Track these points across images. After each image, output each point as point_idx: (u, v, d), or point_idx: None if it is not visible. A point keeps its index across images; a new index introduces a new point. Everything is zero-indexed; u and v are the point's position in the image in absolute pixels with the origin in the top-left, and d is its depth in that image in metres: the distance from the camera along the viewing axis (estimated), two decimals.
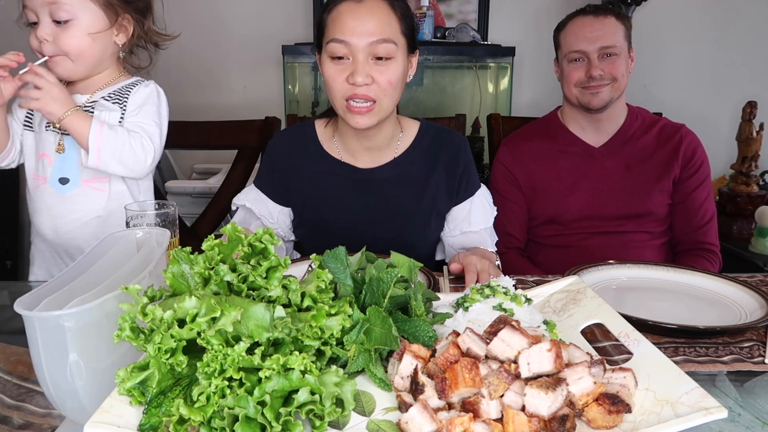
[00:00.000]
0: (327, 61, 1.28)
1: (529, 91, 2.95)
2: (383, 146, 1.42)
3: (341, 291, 0.79)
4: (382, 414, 0.65)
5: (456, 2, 2.85)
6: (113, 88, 1.38)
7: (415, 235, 1.45)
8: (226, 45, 2.89)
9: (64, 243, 1.38)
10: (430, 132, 1.46)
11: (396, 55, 1.27)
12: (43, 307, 0.62)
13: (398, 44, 1.27)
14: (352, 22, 1.24)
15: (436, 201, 1.45)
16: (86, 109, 1.34)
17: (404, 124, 1.47)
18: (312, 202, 1.44)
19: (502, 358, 0.67)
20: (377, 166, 1.43)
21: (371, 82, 1.25)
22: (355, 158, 1.43)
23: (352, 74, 1.24)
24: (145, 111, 1.38)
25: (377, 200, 1.42)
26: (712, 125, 2.80)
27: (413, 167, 1.43)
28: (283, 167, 1.45)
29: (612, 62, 1.61)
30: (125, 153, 1.30)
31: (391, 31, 1.26)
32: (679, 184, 1.68)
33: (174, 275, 0.68)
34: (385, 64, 1.26)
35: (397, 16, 1.27)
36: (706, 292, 1.13)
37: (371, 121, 1.29)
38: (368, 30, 1.23)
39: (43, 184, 1.36)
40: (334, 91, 1.28)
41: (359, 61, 1.24)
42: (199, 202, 2.39)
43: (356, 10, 1.24)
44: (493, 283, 0.88)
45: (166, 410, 0.59)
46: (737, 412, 0.74)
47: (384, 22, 1.25)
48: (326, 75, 1.29)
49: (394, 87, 1.28)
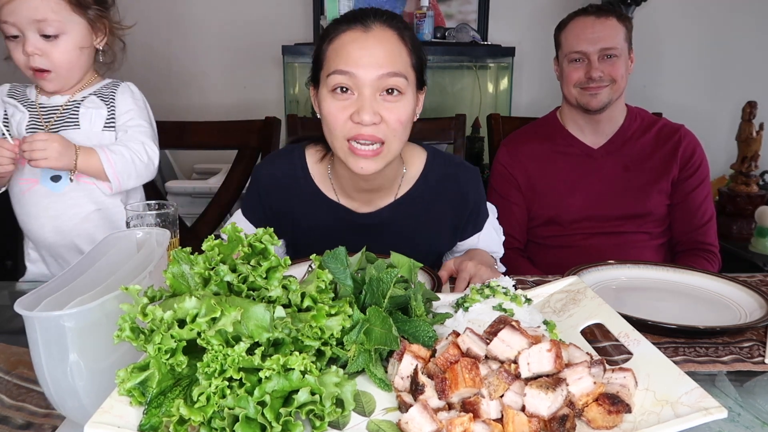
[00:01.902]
0: (327, 96, 1.13)
1: (529, 91, 2.95)
2: (384, 188, 1.28)
3: (341, 291, 0.79)
4: (382, 414, 0.65)
5: (456, 2, 2.85)
6: (92, 89, 1.40)
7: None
8: (226, 45, 2.90)
9: (68, 242, 1.37)
10: (437, 169, 1.31)
11: (406, 90, 1.13)
12: (43, 308, 0.62)
13: (408, 79, 1.13)
14: (358, 52, 1.09)
15: (439, 241, 1.36)
16: (68, 108, 1.35)
17: (409, 156, 1.31)
18: (305, 240, 1.33)
19: (502, 359, 0.67)
20: (376, 209, 1.30)
21: (379, 120, 1.10)
22: (351, 200, 1.30)
23: (357, 111, 1.09)
24: (136, 113, 1.40)
25: (374, 241, 1.19)
26: (711, 125, 2.80)
27: (416, 208, 1.30)
28: (273, 205, 1.32)
29: (612, 64, 1.61)
30: (137, 167, 1.34)
31: (401, 63, 1.12)
32: (678, 184, 1.68)
33: (174, 275, 0.68)
34: (395, 100, 1.12)
35: (408, 48, 1.14)
36: (706, 292, 1.13)
37: (377, 166, 1.14)
38: (377, 61, 1.09)
39: (35, 186, 1.35)
40: (335, 130, 1.13)
41: (366, 97, 1.09)
42: (199, 202, 2.39)
43: (363, 40, 1.10)
44: (493, 283, 0.88)
45: (167, 410, 0.60)
46: (737, 412, 0.74)
47: (394, 53, 1.11)
48: (326, 112, 1.13)
49: (404, 127, 1.14)
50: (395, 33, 1.13)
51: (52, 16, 1.26)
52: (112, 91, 1.40)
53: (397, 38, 1.13)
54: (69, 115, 1.36)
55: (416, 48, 1.16)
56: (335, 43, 1.13)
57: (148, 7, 2.79)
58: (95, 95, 1.38)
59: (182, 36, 2.89)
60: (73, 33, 1.30)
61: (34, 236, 1.39)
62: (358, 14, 1.14)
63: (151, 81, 1.49)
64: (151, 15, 2.80)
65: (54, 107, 1.36)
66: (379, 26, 1.12)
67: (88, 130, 1.36)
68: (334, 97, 1.12)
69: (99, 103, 1.37)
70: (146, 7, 2.77)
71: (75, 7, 1.30)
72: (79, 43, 1.32)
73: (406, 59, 1.14)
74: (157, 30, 2.83)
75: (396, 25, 1.14)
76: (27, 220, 1.38)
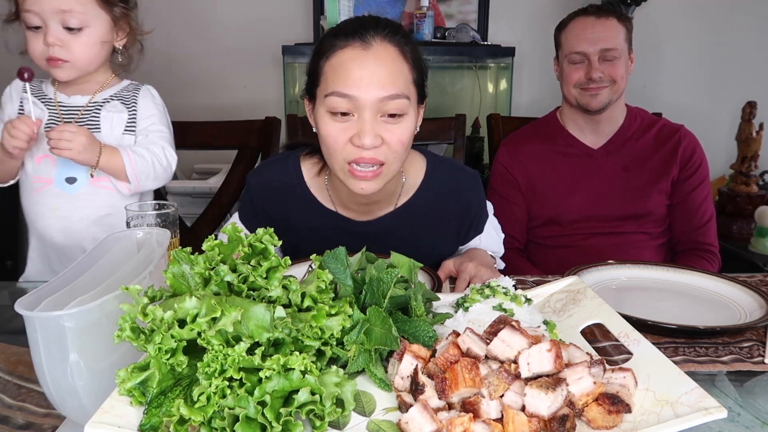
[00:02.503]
0: (325, 117, 1.09)
1: (529, 91, 2.95)
2: (383, 200, 1.26)
3: (341, 291, 0.79)
4: (382, 414, 0.65)
5: (456, 2, 2.85)
6: (113, 91, 1.39)
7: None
8: (226, 45, 2.89)
9: (73, 244, 1.37)
10: (438, 177, 1.29)
11: (408, 110, 1.09)
12: (43, 308, 0.62)
13: (410, 99, 1.09)
14: (358, 72, 1.04)
15: (441, 248, 1.34)
16: (89, 110, 1.35)
17: (408, 165, 1.27)
18: (303, 245, 1.27)
19: (502, 359, 0.67)
20: (375, 218, 1.28)
21: (380, 143, 1.07)
22: (350, 210, 1.28)
23: (358, 135, 1.06)
24: (157, 118, 1.41)
25: (374, 248, 1.18)
26: (711, 125, 2.80)
27: (416, 217, 1.28)
28: (268, 212, 1.29)
29: (612, 64, 1.61)
30: (156, 170, 1.35)
31: (403, 83, 1.08)
32: (678, 184, 1.68)
33: (174, 275, 0.68)
34: (397, 121, 1.08)
35: (409, 63, 1.10)
36: (706, 292, 1.13)
37: (377, 186, 1.12)
38: (378, 82, 1.05)
39: (48, 186, 1.35)
40: (335, 153, 1.10)
41: (366, 120, 1.05)
42: (199, 202, 2.39)
43: (363, 59, 1.05)
44: (493, 283, 0.88)
45: (167, 410, 0.60)
46: (737, 412, 0.74)
47: (396, 72, 1.07)
48: (324, 134, 1.10)
49: (405, 147, 1.11)
50: (396, 49, 1.08)
51: (78, 7, 1.26)
52: (134, 95, 1.40)
53: (399, 54, 1.08)
54: (90, 118, 1.36)
55: (417, 62, 1.12)
56: (333, 60, 1.08)
57: (147, 6, 2.79)
58: (117, 99, 1.39)
59: (182, 36, 2.88)
60: (96, 27, 1.29)
61: (40, 234, 1.39)
62: (357, 27, 1.08)
63: (151, 81, 1.49)
64: (150, 15, 2.80)
65: (75, 107, 1.37)
66: (379, 42, 1.07)
67: (108, 134, 1.37)
68: (333, 119, 1.08)
69: (120, 107, 1.38)
70: (146, 7, 2.77)
71: (102, 2, 1.29)
72: (101, 38, 1.31)
73: (408, 76, 1.09)
74: (157, 30, 2.82)
75: (397, 40, 1.09)
76: (35, 218, 1.38)
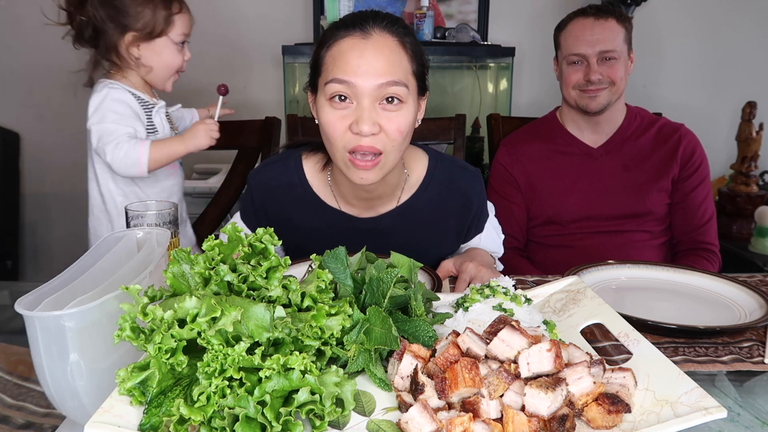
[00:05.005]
0: (325, 106, 1.11)
1: (529, 91, 2.95)
2: (385, 195, 1.27)
3: (341, 291, 0.79)
4: (382, 414, 0.66)
5: (456, 2, 2.85)
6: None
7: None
8: (225, 45, 2.89)
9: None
10: (439, 174, 1.30)
11: (407, 99, 1.10)
12: (43, 307, 0.62)
13: (409, 87, 1.10)
14: (357, 61, 1.06)
15: (443, 246, 1.35)
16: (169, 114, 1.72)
17: (410, 161, 1.30)
18: (305, 244, 1.27)
19: (502, 358, 0.67)
20: (378, 215, 1.29)
21: (378, 131, 1.08)
22: (352, 207, 1.29)
23: (356, 122, 1.07)
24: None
25: (376, 246, 1.16)
26: (711, 125, 2.80)
27: (418, 215, 1.29)
28: (268, 211, 1.31)
29: (611, 66, 1.61)
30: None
31: (402, 71, 1.09)
32: (678, 183, 1.68)
33: (174, 275, 0.69)
34: (395, 109, 1.09)
35: (408, 54, 1.11)
36: (706, 292, 1.13)
37: (377, 176, 1.13)
38: (376, 70, 1.06)
39: (176, 169, 1.70)
40: (334, 141, 1.11)
41: (364, 107, 1.07)
42: (199, 202, 2.39)
43: (362, 47, 1.07)
44: (493, 283, 0.88)
45: (167, 410, 0.60)
46: (737, 412, 0.74)
47: (394, 61, 1.08)
48: (324, 122, 1.11)
49: (403, 137, 1.12)
50: (395, 39, 1.09)
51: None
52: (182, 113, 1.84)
53: (398, 44, 1.09)
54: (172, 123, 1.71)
55: (417, 54, 1.13)
56: (333, 49, 1.10)
57: None
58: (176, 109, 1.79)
59: None
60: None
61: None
62: (357, 18, 1.10)
63: None
64: None
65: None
66: (378, 32, 1.09)
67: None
68: (333, 106, 1.09)
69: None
70: None
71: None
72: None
73: (407, 66, 1.11)
74: None
75: (396, 30, 1.11)
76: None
